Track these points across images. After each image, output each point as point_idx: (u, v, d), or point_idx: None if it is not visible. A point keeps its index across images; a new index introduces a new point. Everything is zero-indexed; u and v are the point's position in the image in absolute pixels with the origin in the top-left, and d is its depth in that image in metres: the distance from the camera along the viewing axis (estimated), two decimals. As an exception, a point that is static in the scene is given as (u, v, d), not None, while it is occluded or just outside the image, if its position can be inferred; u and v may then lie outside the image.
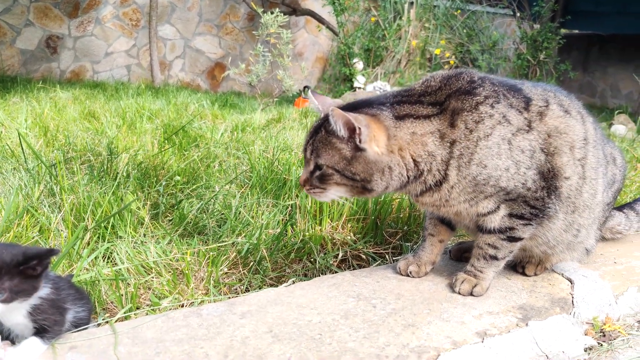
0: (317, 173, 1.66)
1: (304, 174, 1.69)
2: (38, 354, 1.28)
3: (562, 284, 1.87)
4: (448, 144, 1.63)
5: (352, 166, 1.60)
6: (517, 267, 1.97)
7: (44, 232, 2.08)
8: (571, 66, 8.48)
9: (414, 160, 1.64)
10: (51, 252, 1.26)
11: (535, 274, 1.94)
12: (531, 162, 1.65)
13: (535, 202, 1.68)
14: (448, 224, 1.91)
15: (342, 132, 1.57)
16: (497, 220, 1.71)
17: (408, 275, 1.87)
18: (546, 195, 1.68)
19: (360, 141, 1.56)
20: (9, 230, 1.99)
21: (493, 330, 1.56)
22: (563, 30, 8.72)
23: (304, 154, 1.71)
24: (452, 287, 1.79)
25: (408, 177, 1.65)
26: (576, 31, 10.65)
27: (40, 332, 1.29)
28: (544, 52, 8.23)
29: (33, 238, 2.01)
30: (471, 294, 1.75)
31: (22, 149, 2.80)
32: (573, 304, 1.74)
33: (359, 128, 1.54)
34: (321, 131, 1.64)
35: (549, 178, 1.68)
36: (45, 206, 2.27)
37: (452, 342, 1.48)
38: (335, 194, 1.69)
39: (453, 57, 8.98)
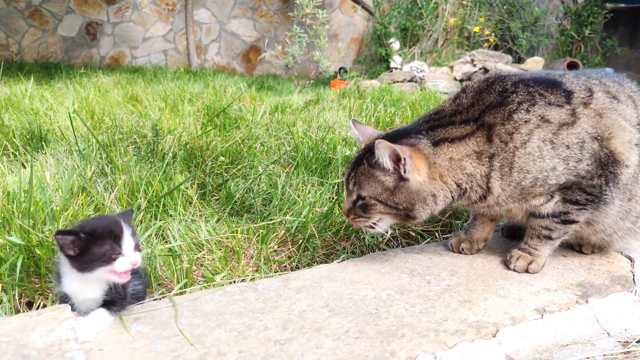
0: (360, 203, 1.68)
1: (346, 204, 1.72)
2: (106, 325, 1.32)
3: (621, 262, 1.82)
4: (487, 160, 1.62)
5: (395, 196, 1.62)
6: (574, 246, 1.92)
7: (100, 210, 2.13)
8: (618, 42, 8.16)
9: (456, 183, 1.64)
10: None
11: (593, 252, 1.89)
12: (582, 154, 1.60)
13: (591, 189, 1.64)
14: None
15: (387, 163, 1.58)
16: (550, 206, 1.68)
17: (460, 252, 1.86)
18: (604, 183, 1.64)
19: (404, 171, 1.58)
20: (67, 208, 2.05)
21: (552, 307, 1.53)
22: (609, 5, 8.38)
23: (346, 186, 1.73)
24: (506, 264, 1.77)
25: (452, 198, 1.66)
26: (623, 5, 10.22)
27: (107, 304, 1.33)
28: (589, 28, 7.94)
29: (89, 216, 2.07)
30: (527, 271, 1.72)
31: (73, 131, 2.87)
32: (634, 282, 1.69)
33: (404, 159, 1.56)
34: (363, 164, 1.66)
35: (607, 164, 1.63)
36: (99, 185, 2.33)
37: (510, 318, 1.46)
38: (378, 221, 1.70)
39: (492, 34, 8.75)
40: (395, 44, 8.70)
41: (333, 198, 2.36)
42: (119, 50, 8.79)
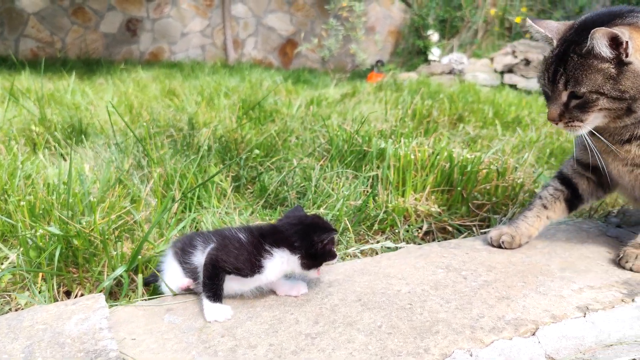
0: (575, 103, 1.54)
1: (555, 109, 1.57)
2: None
3: (671, 258, 1.72)
4: None
5: (620, 84, 1.48)
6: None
7: (135, 201, 2.16)
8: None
9: None
10: None
11: None
12: None
13: None
14: (570, 201, 1.80)
15: (606, 50, 1.46)
16: None
17: (500, 247, 1.79)
18: None
19: (626, 55, 1.46)
20: (104, 200, 2.09)
21: (595, 305, 1.46)
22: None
23: (552, 89, 1.58)
24: (617, 262, 1.68)
25: None
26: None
27: None
28: (637, 16, 7.60)
29: (125, 208, 2.10)
30: None
31: (112, 124, 2.92)
32: (685, 280, 1.60)
33: (625, 42, 1.44)
34: (572, 58, 1.51)
35: None
36: (135, 178, 2.36)
37: (550, 316, 1.40)
38: (593, 123, 1.56)
39: (534, 25, 8.49)
40: (434, 36, 8.56)
41: (368, 191, 2.33)
42: (158, 45, 8.94)
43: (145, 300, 1.50)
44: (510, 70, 7.72)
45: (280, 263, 1.42)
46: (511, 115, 3.77)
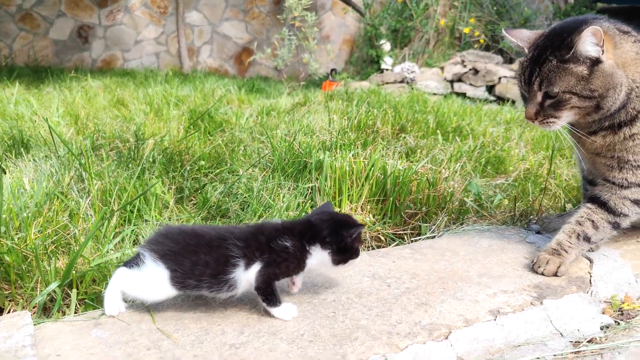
0: (549, 102, 1.68)
1: (531, 109, 1.71)
2: None
3: (581, 263, 1.85)
4: None
5: (590, 84, 1.62)
6: None
7: (74, 216, 2.17)
8: (607, 41, 8.18)
9: (630, 85, 1.65)
10: None
11: None
12: None
13: None
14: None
15: (591, 47, 1.58)
16: None
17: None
18: None
19: (602, 52, 1.59)
20: (40, 214, 2.08)
21: (506, 308, 1.57)
22: (600, 4, 8.42)
23: (528, 90, 1.72)
24: (532, 267, 1.81)
25: (622, 104, 1.67)
26: (614, 5, 10.26)
27: None
28: (577, 28, 7.96)
29: (62, 222, 2.10)
30: None
31: (52, 137, 2.90)
32: (591, 283, 1.73)
33: (602, 39, 1.57)
34: (549, 61, 1.65)
35: None
36: (74, 192, 2.36)
37: (464, 320, 1.50)
38: (566, 120, 1.71)
39: (482, 35, 8.79)
40: (386, 45, 8.74)
41: (305, 202, 2.40)
42: (111, 53, 8.82)
43: (76, 315, 1.52)
44: (459, 79, 7.96)
45: (316, 260, 1.50)
46: (453, 125, 3.91)
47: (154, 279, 1.40)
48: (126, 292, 1.46)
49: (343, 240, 1.48)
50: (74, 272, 1.70)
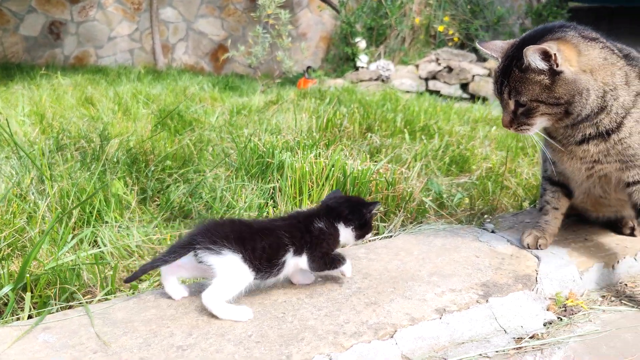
0: (521, 110, 1.74)
1: (506, 116, 1.78)
2: None
3: (529, 261, 1.91)
4: (633, 94, 1.74)
5: (554, 92, 1.67)
6: None
7: (31, 219, 2.16)
8: (577, 40, 8.31)
9: (603, 88, 1.70)
10: None
11: None
12: None
13: None
14: (566, 193, 2.05)
15: (540, 63, 1.64)
16: None
17: (537, 248, 1.98)
18: None
19: (557, 65, 1.64)
20: (-3, 216, 2.07)
21: (452, 307, 1.61)
22: (570, 4, 8.55)
23: (500, 100, 1.79)
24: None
25: (596, 107, 1.72)
26: (586, 5, 10.43)
27: None
28: (548, 27, 8.08)
29: (19, 225, 2.09)
30: None
31: (12, 137, 2.87)
32: (536, 281, 1.78)
33: (554, 54, 1.62)
34: (513, 72, 1.71)
35: None
36: (33, 193, 2.35)
37: (410, 319, 1.53)
38: (540, 125, 1.78)
39: (457, 33, 8.88)
40: (362, 43, 8.77)
41: (268, 202, 2.42)
42: (84, 49, 8.71)
43: (24, 319, 1.52)
44: (434, 77, 8.04)
45: (343, 237, 1.67)
46: (420, 124, 3.96)
47: (235, 266, 1.49)
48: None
49: (363, 217, 1.67)
50: (27, 275, 1.70)
